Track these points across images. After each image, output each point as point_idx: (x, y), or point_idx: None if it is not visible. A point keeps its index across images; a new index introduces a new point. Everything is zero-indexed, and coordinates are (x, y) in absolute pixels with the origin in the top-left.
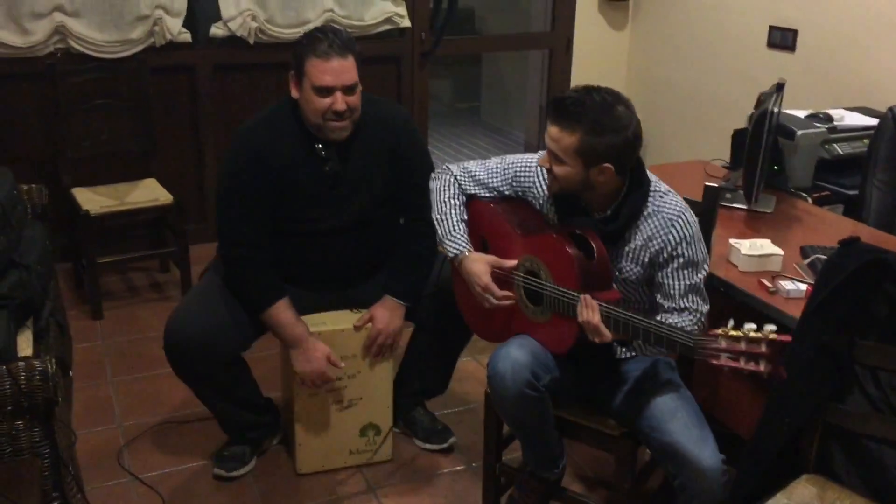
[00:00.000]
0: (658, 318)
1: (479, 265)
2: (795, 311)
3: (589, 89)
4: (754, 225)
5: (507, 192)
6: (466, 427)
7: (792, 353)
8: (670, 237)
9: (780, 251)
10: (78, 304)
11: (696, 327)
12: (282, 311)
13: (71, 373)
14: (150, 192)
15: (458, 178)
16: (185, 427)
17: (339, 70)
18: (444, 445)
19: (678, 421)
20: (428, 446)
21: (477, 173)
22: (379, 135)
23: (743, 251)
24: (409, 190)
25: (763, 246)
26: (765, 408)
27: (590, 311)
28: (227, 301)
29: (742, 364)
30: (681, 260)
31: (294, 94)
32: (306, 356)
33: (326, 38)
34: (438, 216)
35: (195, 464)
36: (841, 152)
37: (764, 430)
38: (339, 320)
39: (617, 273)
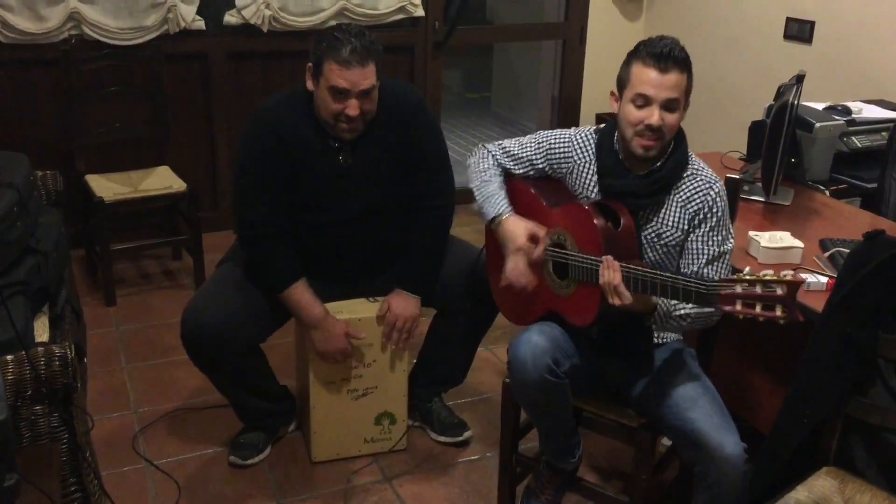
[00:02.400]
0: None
1: (518, 228)
2: (816, 304)
3: (662, 36)
4: (772, 217)
5: (540, 165)
6: (482, 417)
7: (815, 345)
8: (708, 198)
9: (800, 244)
10: (91, 291)
11: None
12: (300, 291)
13: (86, 359)
14: (163, 180)
15: (494, 153)
16: (199, 414)
17: (357, 78)
18: (460, 439)
19: (700, 409)
20: (443, 439)
21: (512, 149)
22: (391, 119)
23: (763, 243)
24: (421, 174)
25: (783, 238)
26: (785, 400)
27: (611, 271)
28: (245, 291)
29: (759, 310)
30: (713, 221)
31: (309, 86)
32: (326, 335)
33: (349, 43)
34: (477, 184)
35: (210, 450)
36: (859, 145)
37: (784, 423)
38: (355, 309)
39: (656, 238)
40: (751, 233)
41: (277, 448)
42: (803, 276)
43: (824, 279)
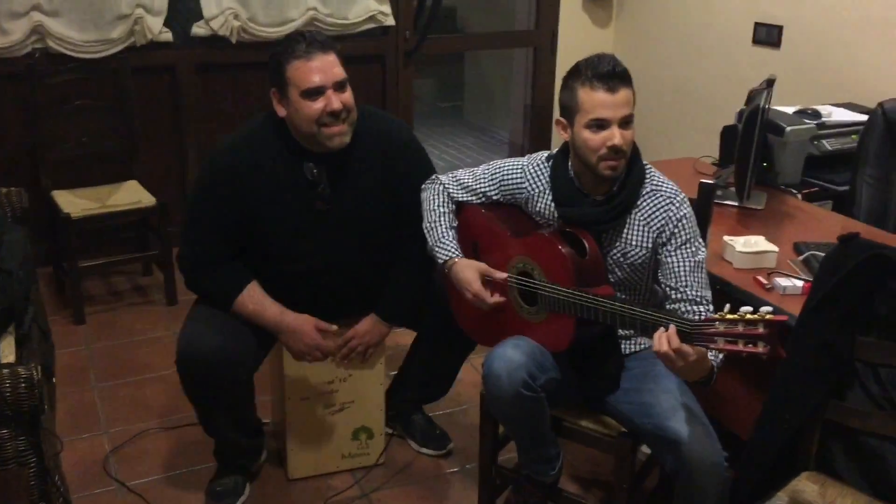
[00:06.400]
0: (661, 308)
1: (470, 272)
2: (792, 308)
3: (599, 56)
4: (746, 222)
5: (495, 197)
6: (460, 428)
7: (793, 349)
8: (670, 213)
9: (774, 248)
10: (59, 309)
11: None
12: (246, 299)
13: (54, 379)
14: (132, 195)
15: (447, 186)
16: (172, 433)
17: (325, 66)
18: (442, 452)
19: (680, 417)
20: (425, 451)
21: (465, 180)
22: (376, 154)
23: (738, 248)
24: (407, 209)
25: (757, 243)
26: (765, 405)
27: (667, 338)
28: (234, 318)
29: (741, 347)
30: (683, 237)
31: (280, 112)
32: (293, 334)
33: (304, 39)
34: (428, 225)
35: (184, 470)
36: (829, 148)
37: (764, 428)
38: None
39: (622, 258)
40: (725, 237)
41: None
42: (779, 279)
43: (800, 283)
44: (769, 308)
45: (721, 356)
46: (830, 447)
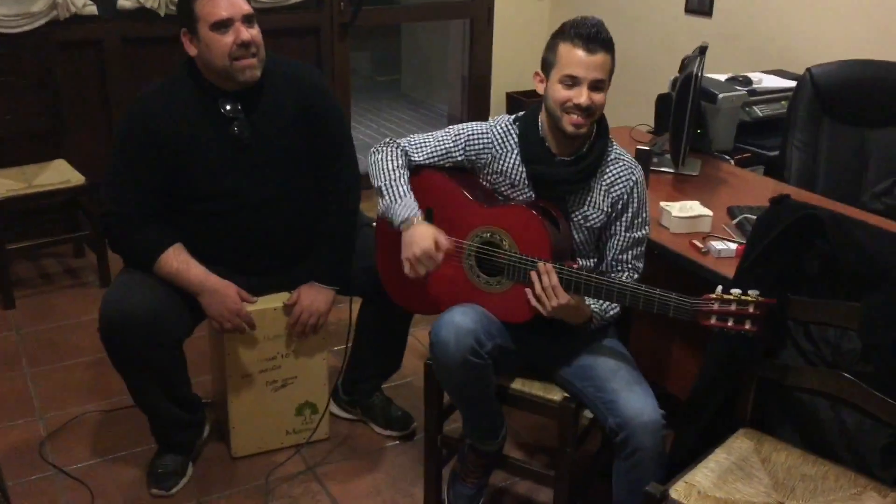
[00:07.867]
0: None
1: (427, 229)
2: (726, 270)
3: (586, 17)
4: (682, 188)
5: (458, 157)
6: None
7: None
8: (630, 183)
9: (709, 212)
10: None
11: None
12: (171, 257)
13: None
14: (59, 174)
15: (405, 147)
16: (109, 416)
17: (233, 1)
18: (407, 431)
19: (619, 379)
20: (389, 433)
21: (425, 141)
22: (289, 94)
23: (674, 213)
24: (323, 154)
25: (693, 208)
26: (701, 366)
27: (547, 276)
28: (165, 283)
29: (731, 324)
30: (635, 208)
31: (192, 51)
32: (216, 296)
33: None
34: (384, 183)
35: (123, 453)
36: (760, 114)
37: (701, 388)
38: (269, 300)
39: (582, 221)
40: (662, 203)
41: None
42: (713, 243)
43: (734, 246)
44: (756, 291)
45: (613, 311)
46: (766, 404)
